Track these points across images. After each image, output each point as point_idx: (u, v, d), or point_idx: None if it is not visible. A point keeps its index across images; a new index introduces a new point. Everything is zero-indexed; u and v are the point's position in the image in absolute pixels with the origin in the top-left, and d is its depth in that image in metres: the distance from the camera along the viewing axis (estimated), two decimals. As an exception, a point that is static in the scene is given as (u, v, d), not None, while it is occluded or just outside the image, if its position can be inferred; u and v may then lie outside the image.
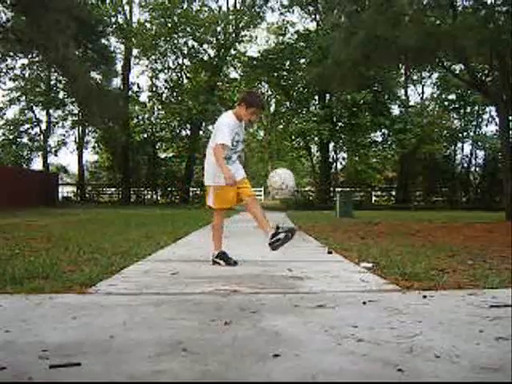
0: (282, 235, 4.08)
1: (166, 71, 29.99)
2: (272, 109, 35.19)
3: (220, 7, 29.45)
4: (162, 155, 32.65)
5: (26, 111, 30.21)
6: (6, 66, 27.27)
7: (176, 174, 31.37)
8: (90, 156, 53.73)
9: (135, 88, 30.71)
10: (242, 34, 29.41)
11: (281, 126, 31.01)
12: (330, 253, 5.13)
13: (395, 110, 28.55)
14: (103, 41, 24.99)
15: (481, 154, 30.79)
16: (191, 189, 30.16)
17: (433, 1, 13.18)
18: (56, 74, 27.13)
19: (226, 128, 4.10)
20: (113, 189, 31.42)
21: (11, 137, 30.18)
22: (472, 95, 27.11)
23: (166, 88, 30.32)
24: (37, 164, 34.17)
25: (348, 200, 15.32)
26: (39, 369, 1.61)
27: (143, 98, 31.27)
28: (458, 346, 1.87)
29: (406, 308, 2.52)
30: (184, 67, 30.11)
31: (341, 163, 31.44)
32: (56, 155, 31.64)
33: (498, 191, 23.17)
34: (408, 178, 29.31)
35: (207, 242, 6.32)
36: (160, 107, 30.37)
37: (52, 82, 29.28)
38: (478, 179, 30.56)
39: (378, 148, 27.58)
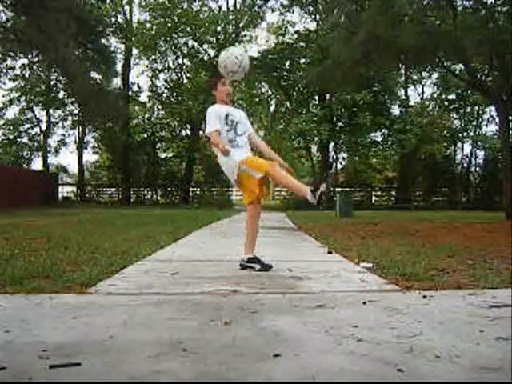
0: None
1: (165, 71, 30.02)
2: (272, 109, 35.22)
3: (220, 7, 29.51)
4: (162, 155, 32.66)
5: (26, 111, 30.24)
6: (6, 65, 27.28)
7: (176, 174, 31.36)
8: (89, 156, 53.81)
9: (135, 88, 30.75)
10: (242, 34, 29.43)
11: (281, 126, 31.04)
12: (330, 253, 5.12)
13: (395, 110, 28.60)
14: (103, 41, 24.99)
15: (481, 154, 30.85)
16: (191, 189, 30.17)
17: (433, 1, 13.18)
18: (56, 74, 27.14)
19: (208, 118, 3.96)
20: (113, 189, 31.42)
21: (11, 137, 30.19)
22: (472, 95, 27.12)
23: (165, 88, 30.34)
24: (37, 164, 34.23)
25: (348, 200, 15.33)
26: (39, 369, 1.61)
27: (143, 98, 31.31)
28: (458, 346, 1.87)
29: (405, 308, 2.52)
30: (184, 67, 30.12)
31: (341, 163, 31.47)
32: (56, 155, 31.69)
33: (498, 191, 23.17)
34: (408, 178, 29.32)
35: (207, 242, 6.32)
36: (160, 107, 30.37)
37: (52, 82, 29.30)
38: (478, 179, 30.56)
39: (378, 148, 27.60)
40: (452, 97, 30.33)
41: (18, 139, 30.37)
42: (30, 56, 24.47)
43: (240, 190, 4.02)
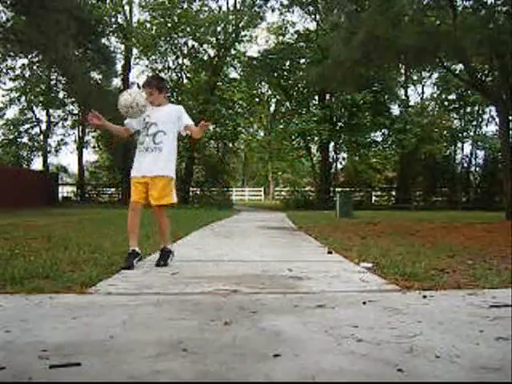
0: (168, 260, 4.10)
1: (166, 71, 29.98)
2: (272, 109, 35.21)
3: (220, 7, 29.45)
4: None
5: (26, 111, 30.23)
6: (6, 66, 27.27)
7: (176, 173, 31.31)
8: (89, 156, 53.79)
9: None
10: (242, 33, 29.37)
11: (281, 126, 31.04)
12: (330, 253, 5.13)
13: (395, 110, 28.59)
14: (103, 41, 25.00)
15: (481, 154, 30.83)
16: (191, 189, 30.16)
17: (433, 1, 13.17)
18: (56, 73, 27.13)
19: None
20: (113, 189, 31.39)
21: (11, 137, 30.19)
22: (472, 95, 27.11)
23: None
24: (37, 164, 34.22)
25: (348, 200, 15.32)
26: (39, 369, 1.61)
27: (143, 98, 31.25)
28: (458, 346, 1.87)
29: (405, 308, 2.52)
30: (184, 67, 30.10)
31: (341, 163, 31.47)
32: (56, 155, 31.68)
33: (498, 191, 23.16)
34: (408, 178, 29.30)
35: (207, 242, 6.33)
36: (160, 107, 30.32)
37: (52, 82, 29.27)
38: (478, 179, 30.54)
39: (378, 148, 27.60)
40: (452, 97, 30.31)
41: (18, 139, 30.36)
42: (29, 56, 24.46)
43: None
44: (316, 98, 28.29)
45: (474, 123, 30.76)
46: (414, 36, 10.99)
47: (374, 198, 30.71)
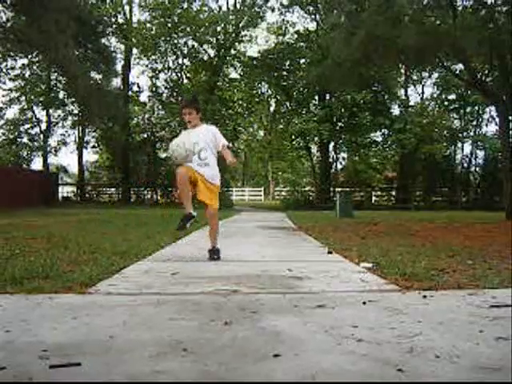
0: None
1: (165, 71, 29.97)
2: (272, 109, 35.18)
3: (220, 7, 29.44)
4: (162, 155, 32.61)
5: (26, 111, 30.19)
6: (6, 66, 27.26)
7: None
8: (89, 156, 53.74)
9: (135, 88, 30.71)
10: (242, 33, 29.37)
11: (281, 126, 31.01)
12: (330, 253, 5.12)
13: (395, 110, 28.56)
14: (103, 41, 24.97)
15: (481, 154, 30.81)
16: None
17: (433, 1, 13.17)
18: (56, 73, 27.11)
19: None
20: (113, 189, 31.37)
21: (11, 137, 30.16)
22: (472, 95, 27.09)
23: (165, 88, 30.32)
24: (37, 164, 34.21)
25: (348, 200, 15.31)
26: (39, 369, 1.61)
27: (143, 98, 31.27)
28: (458, 346, 1.87)
29: (405, 308, 2.52)
30: (184, 67, 30.09)
31: (341, 163, 31.44)
32: (56, 155, 31.65)
33: (498, 191, 23.15)
34: (408, 178, 29.28)
35: (207, 242, 6.32)
36: (160, 107, 30.33)
37: (52, 82, 29.26)
38: (478, 179, 30.53)
39: (378, 148, 27.59)
40: (452, 97, 30.30)
41: (18, 139, 30.32)
42: (29, 56, 24.44)
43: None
44: (316, 98, 28.28)
45: (474, 123, 30.75)
46: (413, 36, 10.99)
47: (373, 198, 30.71)
